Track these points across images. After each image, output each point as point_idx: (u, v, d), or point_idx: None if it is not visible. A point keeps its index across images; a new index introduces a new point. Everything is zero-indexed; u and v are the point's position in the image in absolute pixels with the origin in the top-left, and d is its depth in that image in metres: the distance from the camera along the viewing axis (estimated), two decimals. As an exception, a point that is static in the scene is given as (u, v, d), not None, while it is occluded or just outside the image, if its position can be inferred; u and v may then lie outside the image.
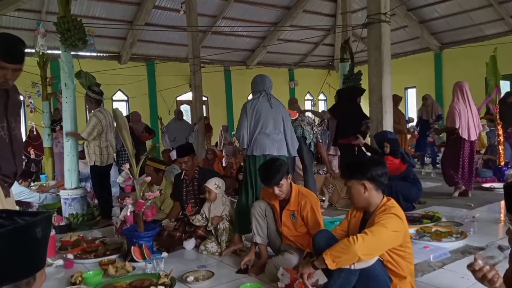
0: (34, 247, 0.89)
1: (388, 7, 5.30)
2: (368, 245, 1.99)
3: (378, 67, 5.28)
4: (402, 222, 2.12)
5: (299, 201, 2.83)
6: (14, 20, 9.46)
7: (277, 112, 3.77)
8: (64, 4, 5.13)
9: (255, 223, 3.00)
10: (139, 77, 11.65)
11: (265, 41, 13.71)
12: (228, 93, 14.47)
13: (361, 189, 2.20)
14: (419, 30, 12.95)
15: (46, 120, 8.13)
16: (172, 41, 12.33)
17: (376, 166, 2.23)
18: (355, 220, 2.34)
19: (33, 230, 0.87)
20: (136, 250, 3.34)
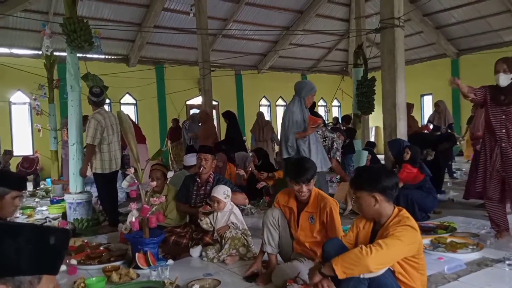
0: (43, 250, 0.94)
1: (401, 12, 5.20)
2: (381, 258, 1.93)
3: (392, 73, 5.19)
4: (416, 234, 2.07)
5: (318, 203, 2.75)
6: (21, 21, 9.49)
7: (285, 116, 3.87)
8: (71, 5, 5.05)
9: (266, 232, 2.91)
10: (147, 80, 11.60)
11: (277, 45, 13.59)
12: (239, 98, 14.36)
13: (371, 201, 2.12)
14: (435, 36, 12.73)
15: (53, 123, 8.10)
16: (181, 44, 12.27)
17: (387, 177, 2.14)
18: (365, 232, 2.26)
19: (46, 235, 0.94)
20: (140, 257, 3.26)
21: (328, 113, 16.18)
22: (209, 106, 9.20)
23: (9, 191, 2.42)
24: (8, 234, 0.89)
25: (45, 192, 7.88)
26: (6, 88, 10.55)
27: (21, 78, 9.71)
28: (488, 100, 3.60)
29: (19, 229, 0.90)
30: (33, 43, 10.63)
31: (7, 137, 10.76)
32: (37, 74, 8.46)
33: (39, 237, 0.93)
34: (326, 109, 16.62)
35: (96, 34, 5.08)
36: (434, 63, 13.72)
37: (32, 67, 8.98)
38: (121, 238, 4.03)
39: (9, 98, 10.80)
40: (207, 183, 3.96)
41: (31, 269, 0.92)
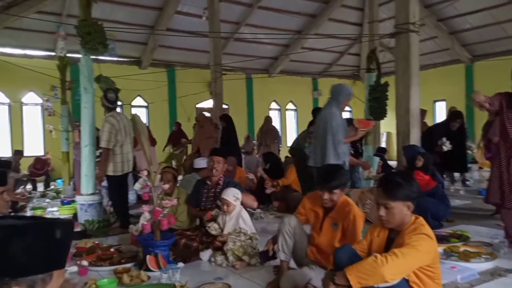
0: (52, 245, 0.92)
1: (417, 17, 5.15)
2: (397, 267, 1.90)
3: (406, 79, 5.14)
4: (433, 242, 2.04)
5: (343, 208, 2.69)
6: (35, 22, 9.51)
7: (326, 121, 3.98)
8: (85, 7, 5.08)
9: (281, 239, 2.87)
10: (159, 83, 11.62)
11: (288, 49, 13.53)
12: (249, 101, 14.35)
13: (404, 210, 2.09)
14: (449, 41, 12.60)
15: (64, 124, 8.15)
16: (193, 47, 12.27)
17: (416, 183, 2.15)
18: (379, 240, 2.22)
19: (51, 229, 0.92)
20: (151, 259, 3.27)
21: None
22: (220, 109, 9.20)
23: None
24: (14, 234, 0.87)
25: (56, 192, 7.95)
26: (19, 88, 10.68)
27: (34, 79, 9.84)
28: (504, 107, 3.53)
29: (25, 228, 0.89)
30: (46, 44, 10.71)
31: (19, 137, 10.88)
32: (50, 75, 8.56)
33: (46, 232, 0.91)
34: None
35: (111, 37, 5.12)
36: (448, 69, 13.56)
37: (44, 68, 9.09)
38: (132, 240, 4.04)
39: (21, 99, 10.93)
40: (217, 185, 3.99)
41: (42, 267, 0.91)
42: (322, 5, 12.23)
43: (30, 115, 11.13)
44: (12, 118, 10.85)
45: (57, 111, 8.25)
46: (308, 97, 15.73)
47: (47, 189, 8.65)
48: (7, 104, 10.82)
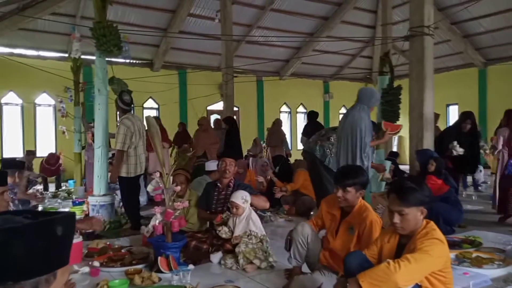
0: (53, 244, 0.89)
1: (432, 20, 5.11)
2: (410, 273, 1.90)
3: (420, 82, 5.10)
4: (444, 247, 2.04)
5: (361, 213, 2.65)
6: (49, 23, 9.65)
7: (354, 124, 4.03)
8: (101, 9, 5.10)
9: (294, 248, 2.87)
10: (170, 85, 11.63)
11: (300, 52, 13.49)
12: (259, 104, 14.33)
13: (418, 215, 2.09)
14: (462, 45, 12.46)
15: (77, 126, 8.20)
16: (204, 50, 12.30)
17: (428, 188, 2.15)
18: (390, 246, 2.21)
19: (52, 227, 0.88)
20: (162, 260, 3.27)
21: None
22: (231, 111, 9.22)
23: None
24: (14, 236, 0.84)
25: (67, 193, 8.01)
26: (32, 89, 10.80)
27: (47, 80, 9.93)
28: None
29: (25, 228, 0.85)
30: (60, 46, 10.84)
31: (31, 138, 10.99)
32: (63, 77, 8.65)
33: (47, 231, 0.88)
34: (346, 117, 16.42)
35: (125, 39, 5.14)
36: (461, 73, 13.40)
37: (58, 70, 9.20)
38: (143, 241, 4.05)
39: (34, 100, 11.04)
40: (227, 188, 3.99)
41: (45, 267, 0.88)
42: (334, 7, 12.17)
43: (42, 116, 11.24)
44: (24, 119, 10.97)
45: (70, 113, 8.32)
46: (319, 100, 15.66)
47: (59, 189, 8.73)
48: (20, 105, 10.94)
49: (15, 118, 10.92)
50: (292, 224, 5.28)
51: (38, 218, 0.89)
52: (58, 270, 0.91)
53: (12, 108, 10.90)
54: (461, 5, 10.62)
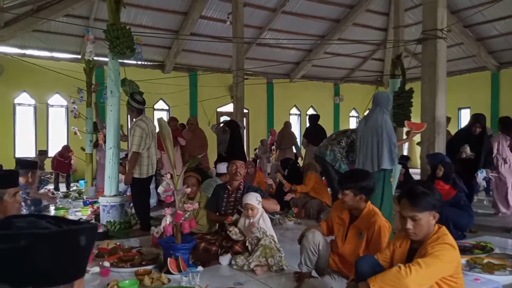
0: (75, 254, 0.88)
1: (445, 23, 5.06)
2: (421, 278, 1.90)
3: (432, 86, 5.05)
4: (455, 252, 2.03)
5: (369, 218, 2.65)
6: (63, 25, 9.76)
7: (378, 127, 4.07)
8: (114, 12, 5.13)
9: (305, 254, 2.87)
10: (181, 87, 11.70)
11: (311, 54, 13.45)
12: (269, 106, 14.29)
13: (431, 220, 2.08)
14: (475, 48, 12.31)
15: (89, 126, 8.24)
16: (215, 52, 12.35)
17: (438, 192, 2.12)
18: (401, 250, 2.20)
19: (76, 236, 0.87)
20: (172, 262, 3.29)
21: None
22: (241, 113, 9.23)
23: (5, 191, 2.35)
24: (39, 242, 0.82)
25: (78, 193, 8.09)
26: (45, 90, 10.91)
27: (60, 81, 10.03)
28: None
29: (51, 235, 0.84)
30: (73, 47, 10.98)
31: (43, 138, 11.12)
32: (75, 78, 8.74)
33: (71, 240, 0.87)
34: (358, 120, 16.32)
35: (138, 41, 5.17)
36: (473, 76, 13.24)
37: (70, 71, 9.30)
38: (153, 242, 4.07)
39: (47, 100, 11.16)
40: (237, 190, 4.00)
41: (65, 277, 0.87)
42: (346, 10, 12.13)
43: (55, 116, 11.36)
44: (37, 119, 11.10)
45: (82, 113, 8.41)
46: (329, 102, 15.60)
47: (69, 189, 8.81)
48: (33, 106, 11.07)
49: (28, 119, 11.06)
50: (301, 227, 5.28)
51: (61, 225, 0.89)
52: (76, 281, 0.90)
53: (25, 108, 11.04)
54: (475, 8, 10.51)
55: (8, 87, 10.23)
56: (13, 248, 0.80)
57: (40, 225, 0.87)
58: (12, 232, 0.82)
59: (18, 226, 0.85)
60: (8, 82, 10.01)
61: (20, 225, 0.85)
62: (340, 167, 4.78)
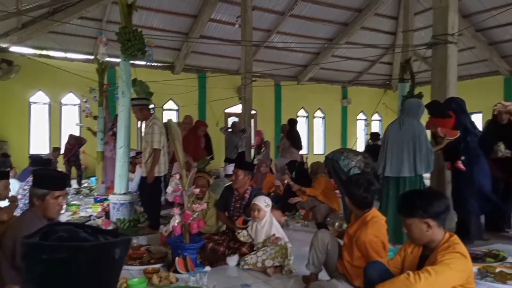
0: (111, 266, 0.91)
1: (456, 28, 5.01)
2: (430, 286, 1.88)
3: (442, 91, 5.00)
4: (467, 261, 2.00)
5: (359, 227, 2.63)
6: (77, 27, 10.01)
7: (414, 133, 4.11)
8: (126, 15, 5.20)
9: (313, 254, 2.90)
10: (190, 88, 11.83)
11: (319, 57, 13.48)
12: (277, 108, 14.35)
13: (423, 228, 2.05)
14: (487, 52, 12.18)
15: (101, 125, 8.35)
16: (224, 54, 12.47)
17: (439, 201, 2.07)
18: (412, 257, 2.20)
19: (112, 250, 0.90)
20: (180, 261, 3.33)
21: (368, 127, 15.80)
22: (249, 115, 9.29)
23: (49, 192, 2.40)
24: (79, 254, 0.85)
25: (89, 190, 8.23)
26: (59, 89, 11.14)
27: (73, 81, 10.25)
28: None
29: (91, 248, 0.87)
30: (86, 48, 11.19)
31: (57, 135, 11.34)
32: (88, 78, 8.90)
33: (107, 253, 0.90)
34: (366, 122, 16.26)
35: (149, 43, 5.27)
36: (485, 81, 13.10)
37: (83, 71, 9.47)
38: (162, 240, 4.12)
39: (60, 99, 11.39)
40: (243, 197, 4.02)
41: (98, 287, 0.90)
42: (355, 13, 12.13)
43: (68, 115, 11.59)
44: (51, 117, 11.35)
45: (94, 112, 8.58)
46: (337, 105, 15.58)
47: (81, 186, 8.96)
48: (48, 104, 11.32)
49: (43, 117, 11.31)
50: (309, 229, 5.30)
51: (97, 235, 0.91)
52: None
53: (40, 106, 11.29)
54: (487, 12, 10.42)
55: (24, 86, 10.46)
56: (54, 259, 0.83)
57: (79, 236, 0.89)
58: (55, 243, 0.85)
59: (59, 236, 0.87)
60: (24, 81, 10.23)
61: (61, 235, 0.88)
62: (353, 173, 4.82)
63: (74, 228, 0.91)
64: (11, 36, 9.71)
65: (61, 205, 2.51)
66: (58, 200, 2.44)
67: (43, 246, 0.85)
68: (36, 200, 2.41)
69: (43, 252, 0.84)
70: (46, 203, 2.39)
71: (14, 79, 9.59)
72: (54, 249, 0.84)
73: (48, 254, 0.84)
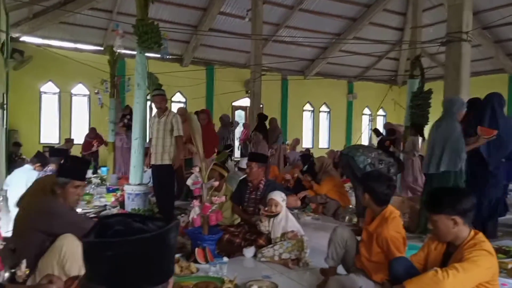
0: (169, 252, 0.92)
1: (470, 26, 5.07)
2: (458, 282, 1.88)
3: (455, 87, 5.07)
4: (493, 258, 2.01)
5: (379, 224, 2.63)
6: (87, 18, 10.00)
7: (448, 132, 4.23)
8: (143, 7, 5.23)
9: (332, 248, 2.91)
10: (198, 80, 11.89)
11: (326, 52, 13.51)
12: (283, 102, 14.40)
13: (450, 224, 2.05)
14: (493, 50, 12.20)
15: (112, 116, 8.44)
16: (232, 47, 12.50)
17: (466, 198, 2.07)
18: (436, 253, 2.21)
19: (169, 235, 0.90)
20: (200, 252, 3.37)
21: (372, 122, 15.85)
22: (257, 108, 9.34)
23: (69, 180, 2.50)
24: (140, 246, 0.85)
25: (101, 180, 8.32)
26: (69, 80, 11.21)
27: (83, 72, 10.34)
28: None
29: (152, 238, 0.87)
30: (96, 40, 11.24)
31: (67, 126, 11.45)
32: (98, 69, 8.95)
33: (164, 240, 0.90)
34: (370, 118, 16.31)
35: (164, 36, 5.29)
36: (490, 78, 13.10)
37: (93, 62, 9.51)
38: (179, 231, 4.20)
39: (70, 90, 11.45)
40: (258, 188, 4.06)
41: (162, 277, 0.90)
42: (363, 8, 12.13)
43: (78, 105, 11.68)
44: (61, 107, 11.41)
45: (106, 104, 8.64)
46: (343, 99, 15.63)
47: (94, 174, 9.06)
48: (58, 94, 11.38)
49: (53, 106, 11.40)
50: (319, 222, 5.39)
51: (146, 222, 0.91)
52: (170, 279, 0.92)
53: (50, 96, 11.38)
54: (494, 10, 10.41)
55: (34, 76, 10.51)
56: (119, 254, 0.84)
57: (134, 227, 0.89)
58: (119, 239, 0.85)
59: (116, 230, 0.87)
60: (35, 71, 10.27)
61: (118, 229, 0.88)
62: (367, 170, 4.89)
63: (125, 219, 0.91)
64: (22, 26, 9.77)
65: (80, 195, 2.61)
66: (77, 190, 2.53)
67: (107, 243, 0.85)
68: (57, 188, 2.52)
69: (108, 249, 0.84)
70: (66, 191, 2.49)
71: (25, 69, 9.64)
72: (119, 244, 0.84)
73: (113, 250, 0.84)
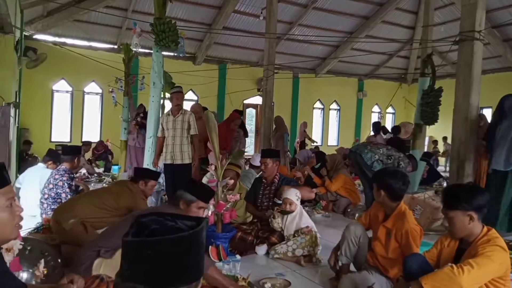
0: (202, 250, 0.95)
1: (483, 25, 5.06)
2: (474, 278, 1.93)
3: (467, 87, 5.07)
4: (506, 254, 2.04)
5: (398, 219, 2.67)
6: (102, 16, 10.09)
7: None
8: (161, 6, 5.28)
9: (345, 245, 2.92)
10: (210, 79, 11.91)
11: (337, 50, 13.50)
12: (294, 100, 14.40)
13: (466, 220, 2.09)
14: (502, 49, 12.14)
15: (125, 115, 8.51)
16: (245, 45, 12.52)
17: (482, 195, 2.12)
18: (449, 250, 2.24)
19: (201, 234, 0.93)
20: (213, 250, 3.41)
21: (381, 120, 15.80)
22: (269, 106, 9.38)
23: (196, 200, 2.63)
24: (176, 244, 0.88)
25: (112, 178, 8.42)
26: (82, 78, 11.26)
27: (96, 70, 10.36)
28: None
29: (189, 236, 0.89)
30: (110, 38, 11.30)
31: (79, 124, 11.52)
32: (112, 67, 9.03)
33: (199, 237, 0.92)
34: (379, 115, 16.27)
35: (182, 35, 5.34)
36: (497, 76, 13.03)
37: (107, 60, 9.60)
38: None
39: (83, 88, 11.51)
40: (272, 183, 4.14)
41: (197, 273, 0.92)
42: (376, 7, 12.10)
43: (90, 103, 11.72)
44: (73, 105, 11.47)
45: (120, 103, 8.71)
46: (353, 97, 15.59)
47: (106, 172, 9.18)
48: (70, 92, 11.45)
49: (65, 105, 11.45)
50: (329, 220, 5.44)
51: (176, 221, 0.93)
52: (201, 279, 0.94)
53: (63, 95, 11.43)
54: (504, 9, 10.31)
55: (47, 74, 10.54)
56: (158, 253, 0.85)
57: (168, 226, 0.91)
58: (159, 238, 0.87)
59: (153, 229, 0.89)
60: (48, 69, 10.28)
61: (155, 228, 0.90)
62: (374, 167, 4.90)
63: (158, 218, 0.93)
64: (36, 23, 9.82)
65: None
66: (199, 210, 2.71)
67: (148, 242, 0.87)
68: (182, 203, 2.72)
69: (148, 248, 0.86)
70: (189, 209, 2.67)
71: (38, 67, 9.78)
72: (158, 243, 0.86)
73: (153, 249, 0.85)
